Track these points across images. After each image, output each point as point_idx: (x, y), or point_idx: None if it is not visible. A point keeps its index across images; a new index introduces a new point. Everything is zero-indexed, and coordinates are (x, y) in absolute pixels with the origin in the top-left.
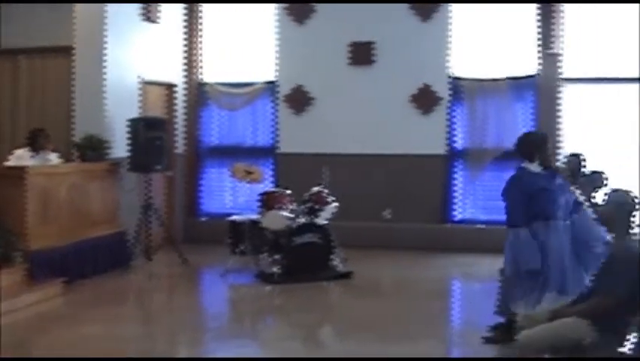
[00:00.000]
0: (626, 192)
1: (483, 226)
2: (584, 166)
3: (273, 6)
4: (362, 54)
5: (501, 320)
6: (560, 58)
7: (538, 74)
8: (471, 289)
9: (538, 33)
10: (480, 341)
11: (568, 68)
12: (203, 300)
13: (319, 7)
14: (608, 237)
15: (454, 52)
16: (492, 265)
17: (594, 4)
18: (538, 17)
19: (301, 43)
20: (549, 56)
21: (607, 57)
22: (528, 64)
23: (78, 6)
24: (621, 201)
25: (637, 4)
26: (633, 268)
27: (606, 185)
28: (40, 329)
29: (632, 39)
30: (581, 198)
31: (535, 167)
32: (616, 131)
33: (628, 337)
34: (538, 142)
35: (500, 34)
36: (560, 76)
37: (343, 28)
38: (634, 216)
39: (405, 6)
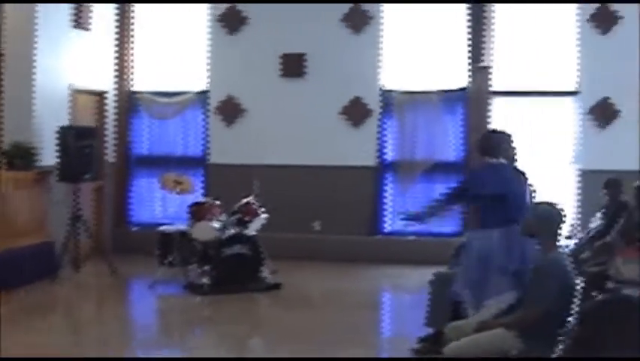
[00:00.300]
0: (553, 205)
1: (412, 238)
2: None
3: (205, 15)
4: (293, 66)
5: (430, 331)
6: (490, 71)
7: (468, 87)
8: (400, 300)
9: (469, 46)
10: (409, 353)
11: (497, 81)
12: (132, 311)
13: (251, 17)
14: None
15: (386, 64)
16: (422, 277)
17: (524, 18)
18: (469, 30)
19: (233, 53)
20: (479, 69)
21: (535, 71)
22: (458, 77)
23: (8, 11)
24: (548, 214)
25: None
26: (560, 280)
27: (535, 198)
28: None
29: (558, 53)
30: None
31: None
32: (544, 144)
33: (555, 348)
34: (502, 140)
35: (431, 47)
36: (490, 89)
37: (275, 40)
38: (560, 228)
39: (337, 18)
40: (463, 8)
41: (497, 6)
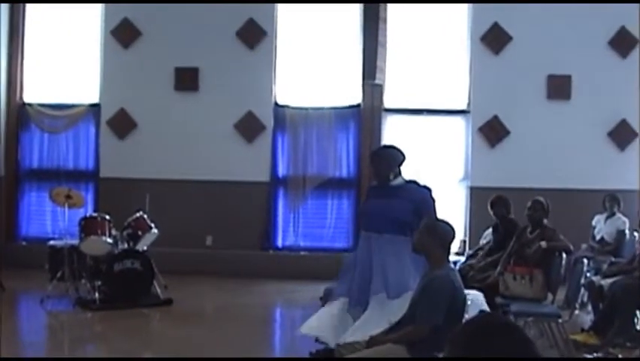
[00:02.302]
0: (443, 222)
1: (304, 253)
2: None
3: (98, 28)
4: (187, 80)
5: (321, 346)
6: (383, 89)
7: (361, 104)
8: (293, 315)
9: (362, 63)
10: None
11: (390, 98)
12: (20, 328)
13: (145, 31)
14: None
15: (280, 80)
16: (314, 292)
17: (418, 36)
18: (362, 48)
19: (126, 66)
20: (372, 86)
21: (427, 89)
22: (352, 94)
23: None
24: (438, 230)
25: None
26: (449, 295)
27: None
28: None
29: (450, 72)
30: None
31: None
32: (436, 161)
33: None
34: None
35: (325, 63)
36: (382, 106)
37: (169, 53)
38: (450, 245)
39: (231, 33)
40: (357, 25)
41: (391, 24)
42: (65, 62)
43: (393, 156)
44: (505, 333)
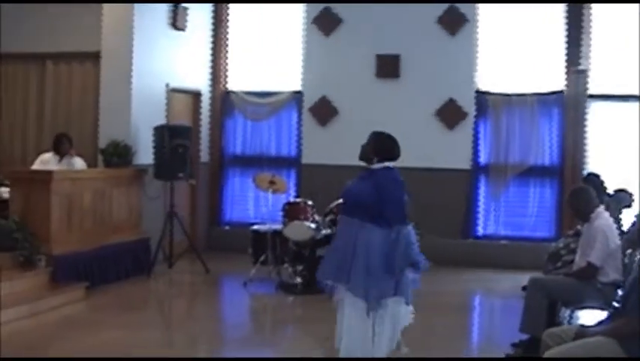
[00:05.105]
0: None
1: (505, 242)
2: (604, 186)
3: (300, 16)
4: (388, 67)
5: (524, 337)
6: (588, 74)
7: (564, 91)
8: (493, 304)
9: (566, 49)
10: (502, 358)
11: (595, 84)
12: (224, 309)
13: (346, 18)
14: None
15: (481, 66)
16: (514, 282)
17: (623, 19)
18: (566, 32)
19: (327, 54)
20: (576, 72)
21: (634, 75)
22: (555, 80)
23: (106, 12)
24: None
25: None
26: None
27: (633, 204)
28: (61, 333)
29: None
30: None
31: None
32: None
33: None
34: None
35: (527, 49)
36: (587, 93)
37: (370, 41)
38: None
39: (432, 20)
40: (560, 10)
41: (595, 7)
42: (268, 51)
43: (381, 142)
44: None
